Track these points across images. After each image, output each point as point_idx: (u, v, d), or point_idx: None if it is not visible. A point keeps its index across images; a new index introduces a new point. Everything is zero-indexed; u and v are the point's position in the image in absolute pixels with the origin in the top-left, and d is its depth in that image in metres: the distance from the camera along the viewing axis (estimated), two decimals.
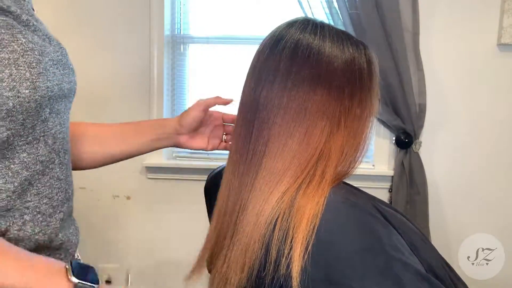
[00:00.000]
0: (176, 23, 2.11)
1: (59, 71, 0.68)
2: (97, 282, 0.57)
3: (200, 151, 2.15)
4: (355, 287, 0.57)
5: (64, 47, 0.75)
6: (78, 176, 2.32)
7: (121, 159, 1.00)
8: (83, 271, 0.57)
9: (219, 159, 2.04)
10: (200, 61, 2.12)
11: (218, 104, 0.92)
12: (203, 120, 0.93)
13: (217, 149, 0.97)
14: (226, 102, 0.91)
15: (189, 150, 2.17)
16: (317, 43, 0.68)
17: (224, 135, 0.96)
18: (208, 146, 0.95)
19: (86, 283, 0.55)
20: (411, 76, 1.87)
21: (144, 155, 2.10)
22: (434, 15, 1.90)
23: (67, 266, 0.56)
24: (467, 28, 1.90)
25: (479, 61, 1.92)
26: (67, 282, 0.54)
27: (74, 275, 0.55)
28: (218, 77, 2.08)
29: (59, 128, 0.69)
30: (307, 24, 0.70)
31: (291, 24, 0.71)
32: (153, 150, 0.98)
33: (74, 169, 0.87)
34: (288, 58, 0.67)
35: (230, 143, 0.90)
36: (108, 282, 2.17)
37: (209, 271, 0.77)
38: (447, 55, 1.93)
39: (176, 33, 2.11)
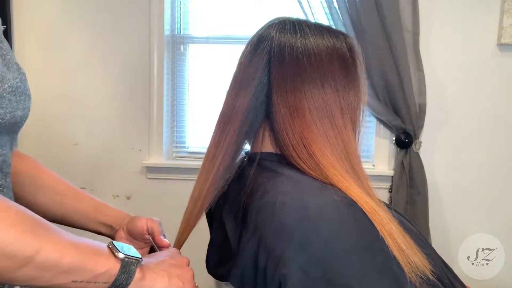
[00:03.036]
0: (176, 23, 2.11)
1: (15, 98, 0.66)
2: (140, 258, 0.58)
3: (200, 151, 2.16)
4: (353, 286, 0.57)
5: (24, 71, 0.72)
6: (78, 176, 2.30)
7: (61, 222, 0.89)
8: (125, 248, 0.58)
9: None
10: (200, 61, 2.12)
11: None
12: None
13: None
14: None
15: (189, 150, 2.18)
16: (301, 42, 0.68)
17: None
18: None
19: (132, 256, 0.57)
20: (411, 76, 1.87)
21: (144, 155, 2.11)
22: (434, 15, 1.90)
23: (109, 246, 0.57)
24: (467, 28, 1.90)
25: (479, 61, 1.91)
26: (114, 258, 0.56)
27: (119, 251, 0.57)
28: (218, 77, 2.08)
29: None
30: (284, 25, 0.70)
31: (268, 27, 0.72)
32: (92, 231, 0.88)
33: None
34: (276, 62, 0.68)
35: None
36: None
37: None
38: (447, 55, 1.92)
39: (176, 33, 2.11)
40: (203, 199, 0.72)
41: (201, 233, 0.85)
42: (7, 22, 2.02)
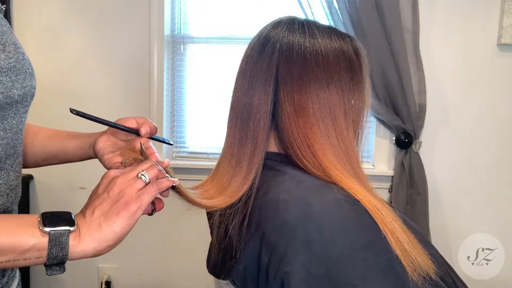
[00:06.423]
0: (176, 23, 2.11)
1: (9, 78, 0.67)
2: (72, 224, 0.56)
3: (200, 151, 2.16)
4: (356, 285, 0.57)
5: (22, 51, 0.72)
6: (78, 176, 2.30)
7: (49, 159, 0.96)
8: (56, 219, 0.56)
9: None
10: (200, 61, 2.12)
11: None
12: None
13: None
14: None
15: (189, 150, 2.18)
16: (309, 42, 0.68)
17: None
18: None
19: (59, 228, 0.55)
20: (411, 76, 1.87)
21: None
22: (434, 15, 1.90)
23: (38, 219, 0.56)
24: (467, 28, 1.90)
25: (479, 61, 1.92)
26: (40, 232, 0.54)
27: (46, 225, 0.55)
28: (218, 77, 2.08)
29: (2, 134, 0.68)
30: (293, 24, 0.71)
31: (277, 25, 0.71)
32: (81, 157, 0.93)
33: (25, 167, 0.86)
34: (284, 61, 0.67)
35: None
36: (108, 282, 2.17)
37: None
38: (447, 55, 1.93)
39: (176, 33, 2.11)
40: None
41: (202, 232, 0.85)
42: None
